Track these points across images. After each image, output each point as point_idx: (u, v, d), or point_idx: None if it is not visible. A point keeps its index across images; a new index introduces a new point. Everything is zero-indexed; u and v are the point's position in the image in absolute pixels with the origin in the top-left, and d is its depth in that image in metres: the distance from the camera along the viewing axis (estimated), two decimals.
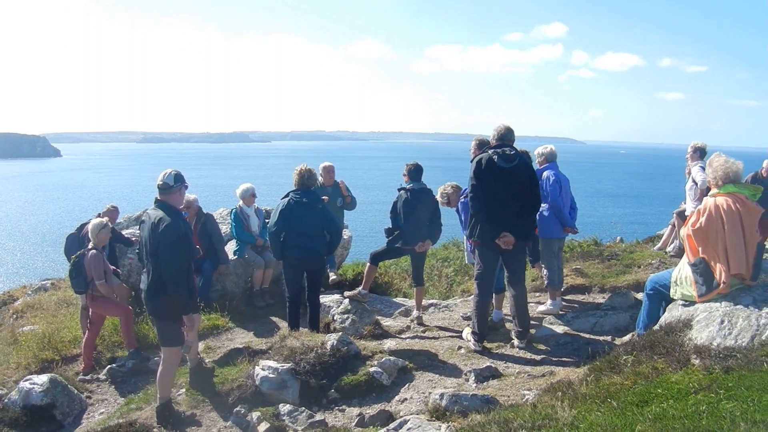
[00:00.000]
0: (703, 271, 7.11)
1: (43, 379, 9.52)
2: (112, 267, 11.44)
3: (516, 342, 9.58)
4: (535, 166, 11.31)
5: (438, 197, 11.26)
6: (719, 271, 6.97)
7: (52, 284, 17.35)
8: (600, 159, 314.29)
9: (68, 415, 9.39)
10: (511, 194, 9.14)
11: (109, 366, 10.76)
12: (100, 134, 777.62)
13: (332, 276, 14.05)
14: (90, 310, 11.02)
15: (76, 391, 9.80)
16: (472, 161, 9.46)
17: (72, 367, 11.03)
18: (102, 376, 10.59)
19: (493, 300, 10.64)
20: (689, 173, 13.29)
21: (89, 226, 11.16)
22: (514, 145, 9.51)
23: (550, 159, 11.29)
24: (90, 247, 10.89)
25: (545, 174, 11.05)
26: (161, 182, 8.21)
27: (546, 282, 11.47)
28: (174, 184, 8.23)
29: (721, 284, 6.93)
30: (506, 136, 9.47)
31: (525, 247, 9.95)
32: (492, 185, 9.10)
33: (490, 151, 9.26)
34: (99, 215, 12.56)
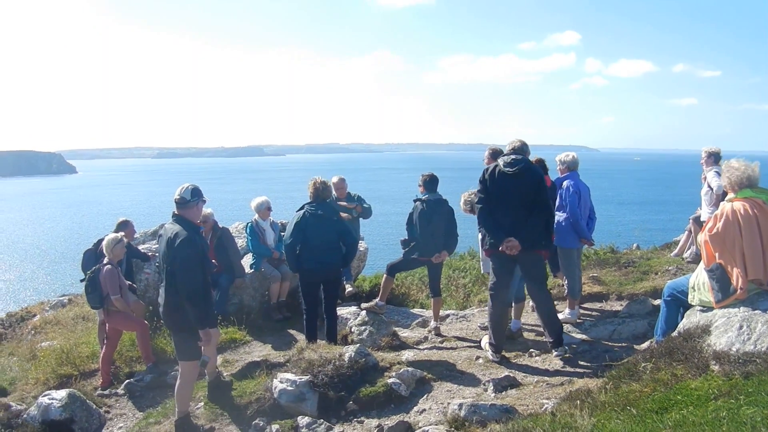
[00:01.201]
0: (719, 276, 7.06)
1: (62, 394, 9.55)
2: (128, 282, 11.47)
3: (554, 353, 9.41)
4: (556, 174, 11.29)
5: (461, 204, 11.23)
6: (736, 277, 6.92)
7: (70, 300, 17.41)
8: (614, 166, 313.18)
9: (87, 430, 9.39)
10: (515, 200, 9.06)
11: (127, 381, 10.79)
12: (115, 150, 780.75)
13: (348, 288, 14.06)
14: (107, 325, 11.04)
15: (94, 406, 9.81)
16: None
17: (90, 382, 11.07)
18: (120, 391, 10.61)
19: (512, 310, 10.62)
20: (705, 178, 13.23)
21: (104, 242, 11.18)
22: (532, 155, 9.51)
23: (571, 167, 11.21)
24: (105, 262, 10.92)
25: (565, 183, 10.99)
26: (178, 197, 8.23)
27: (566, 291, 11.43)
28: (191, 199, 8.24)
29: (738, 290, 6.88)
30: (520, 148, 9.43)
31: (541, 258, 9.80)
32: (496, 192, 9.08)
33: (499, 159, 9.28)
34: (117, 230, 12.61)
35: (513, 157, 9.18)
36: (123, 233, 11.88)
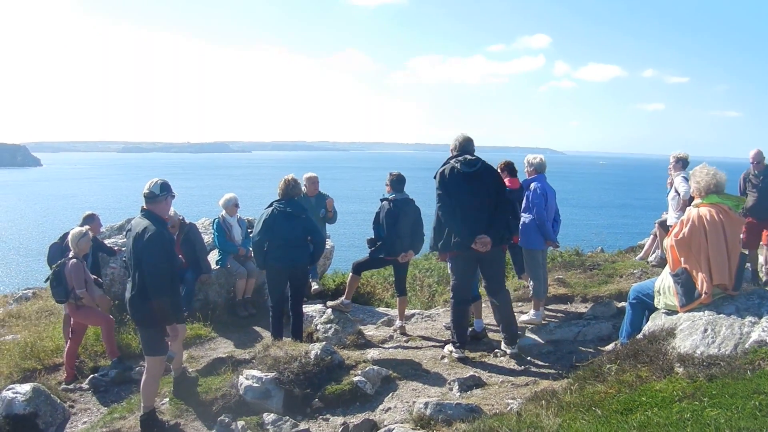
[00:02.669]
0: (684, 281, 7.14)
1: (26, 388, 9.47)
2: (94, 276, 11.41)
3: (507, 349, 9.53)
4: (524, 176, 11.38)
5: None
6: (701, 281, 7.00)
7: (34, 293, 17.29)
8: (579, 169, 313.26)
9: (51, 425, 9.33)
10: (479, 199, 9.19)
11: (92, 375, 10.73)
12: (80, 143, 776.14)
13: (314, 286, 14.05)
14: (71, 319, 10.99)
15: (58, 401, 9.75)
16: (435, 176, 9.48)
17: (55, 376, 10.99)
18: (85, 386, 10.56)
19: (473, 309, 10.67)
20: (671, 183, 13.29)
21: (70, 236, 11.15)
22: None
23: (539, 170, 11.30)
24: (71, 256, 10.88)
25: (532, 185, 11.08)
26: (147, 191, 8.21)
27: (531, 292, 11.48)
28: (160, 193, 8.22)
29: (703, 294, 6.96)
30: (466, 146, 9.59)
31: (503, 254, 9.93)
32: (458, 193, 9.17)
33: (452, 161, 9.37)
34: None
35: (468, 157, 9.35)
36: (89, 227, 11.82)
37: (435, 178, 9.45)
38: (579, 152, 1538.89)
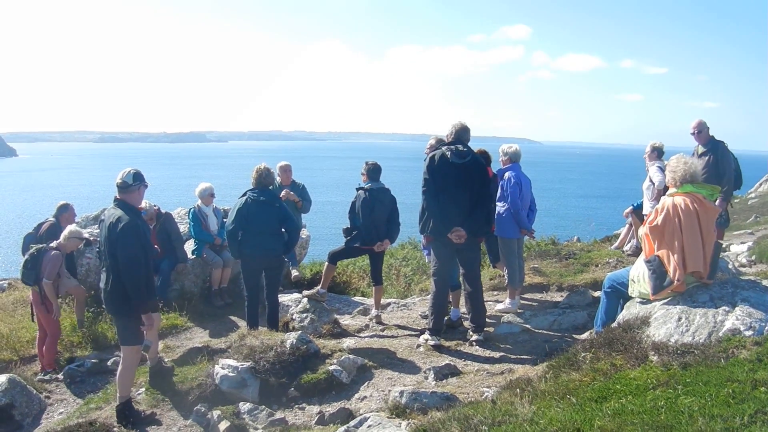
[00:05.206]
0: (656, 268, 7.16)
1: (2, 379, 9.43)
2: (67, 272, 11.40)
3: (474, 337, 9.65)
4: (498, 165, 11.38)
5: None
6: (673, 269, 7.02)
7: (9, 284, 17.19)
8: (554, 159, 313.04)
9: (27, 416, 9.33)
10: (463, 190, 9.30)
11: (67, 366, 10.70)
12: (57, 134, 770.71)
13: (294, 273, 14.05)
14: (35, 308, 10.93)
15: (35, 392, 9.74)
16: (425, 158, 9.51)
17: (30, 367, 10.98)
18: (61, 376, 10.53)
19: (450, 298, 10.70)
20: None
21: (66, 229, 11.18)
22: (471, 144, 9.63)
23: (514, 159, 11.33)
24: (54, 245, 10.88)
25: (507, 174, 11.12)
26: (120, 181, 8.18)
27: (506, 281, 11.51)
28: (133, 183, 8.19)
29: (675, 282, 6.98)
30: (462, 134, 9.64)
31: (479, 244, 10.03)
32: (444, 181, 9.25)
33: (443, 148, 9.42)
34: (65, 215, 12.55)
35: (460, 147, 9.38)
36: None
37: (425, 161, 9.54)
38: (557, 142, 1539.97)
